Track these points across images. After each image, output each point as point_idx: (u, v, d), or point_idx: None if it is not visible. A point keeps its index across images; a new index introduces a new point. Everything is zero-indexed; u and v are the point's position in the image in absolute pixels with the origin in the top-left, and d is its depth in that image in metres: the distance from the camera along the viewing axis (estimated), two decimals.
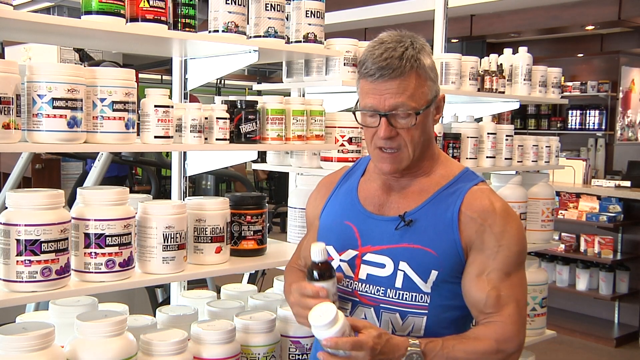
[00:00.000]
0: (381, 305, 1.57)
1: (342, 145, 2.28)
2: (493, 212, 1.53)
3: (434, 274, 1.53)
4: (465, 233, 1.53)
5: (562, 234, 5.87)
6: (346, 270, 1.62)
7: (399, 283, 1.55)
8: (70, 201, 1.59)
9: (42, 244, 1.53)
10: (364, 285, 1.59)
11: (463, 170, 1.63)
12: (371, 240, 1.60)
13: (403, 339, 1.46)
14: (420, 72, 1.50)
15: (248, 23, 2.03)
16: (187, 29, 1.87)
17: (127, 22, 1.74)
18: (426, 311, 1.54)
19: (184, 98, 2.28)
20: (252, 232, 2.04)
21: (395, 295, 1.56)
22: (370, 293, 1.58)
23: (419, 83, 1.51)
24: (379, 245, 1.58)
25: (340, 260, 1.63)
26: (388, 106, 1.50)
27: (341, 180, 1.75)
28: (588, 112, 7.34)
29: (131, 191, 1.83)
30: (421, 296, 1.54)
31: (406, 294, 1.55)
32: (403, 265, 1.55)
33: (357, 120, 1.59)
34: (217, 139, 1.93)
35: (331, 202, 1.73)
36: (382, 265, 1.57)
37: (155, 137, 1.77)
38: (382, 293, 1.57)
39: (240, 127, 1.98)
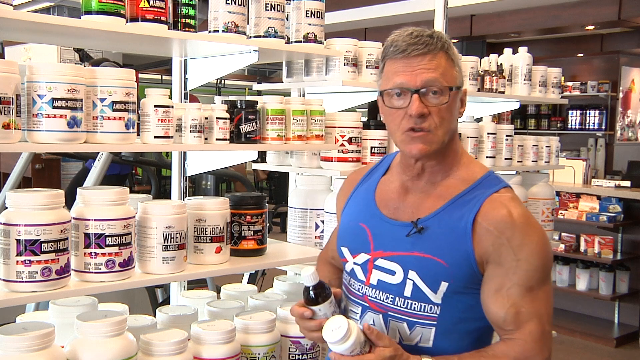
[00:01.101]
0: (389, 312, 1.53)
1: (342, 145, 2.28)
2: (511, 224, 1.43)
3: (444, 285, 1.46)
4: (480, 245, 1.44)
5: (562, 234, 5.87)
6: (359, 273, 1.59)
7: (408, 292, 1.50)
8: (68, 200, 1.59)
9: (42, 244, 1.53)
10: (374, 290, 1.56)
11: (485, 175, 1.53)
12: (383, 245, 1.55)
13: (416, 357, 1.44)
14: (450, 54, 1.50)
15: (248, 23, 2.03)
16: (187, 29, 1.87)
17: (127, 22, 1.74)
18: (435, 322, 1.49)
19: (184, 98, 2.28)
20: (252, 232, 2.04)
21: (403, 304, 1.51)
22: (380, 300, 1.55)
23: (449, 64, 1.49)
24: (390, 251, 1.54)
25: (354, 263, 1.60)
26: (420, 82, 1.46)
27: (363, 178, 1.71)
28: (588, 112, 7.35)
29: (131, 191, 1.83)
30: (430, 307, 1.49)
31: (415, 304, 1.50)
32: (412, 274, 1.49)
33: (384, 104, 1.52)
34: (217, 139, 1.93)
35: (351, 200, 1.70)
36: (393, 272, 1.52)
37: (155, 137, 1.77)
38: (390, 301, 1.53)
39: (240, 127, 1.98)
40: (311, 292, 1.50)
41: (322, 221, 2.37)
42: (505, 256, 1.43)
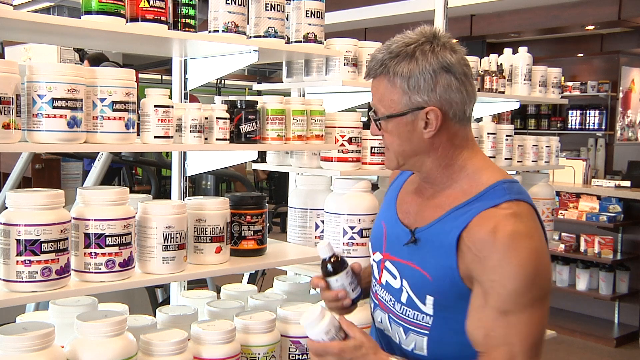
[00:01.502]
0: (390, 315, 1.54)
1: (342, 145, 2.28)
2: (490, 243, 1.34)
3: (429, 298, 1.44)
4: (463, 262, 1.38)
5: (562, 234, 5.87)
6: (375, 271, 1.61)
7: (403, 299, 1.50)
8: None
9: (42, 244, 1.53)
10: (382, 290, 1.57)
11: (491, 186, 1.43)
12: (391, 248, 1.55)
13: (380, 353, 1.43)
14: (392, 79, 1.43)
15: (248, 23, 2.03)
16: (187, 29, 1.87)
17: (127, 22, 1.74)
18: (427, 332, 1.46)
19: (184, 98, 2.28)
20: (252, 232, 2.04)
21: (400, 309, 1.51)
22: (385, 300, 1.56)
23: (387, 89, 1.45)
24: (394, 256, 1.54)
25: (372, 260, 1.63)
26: (371, 104, 1.51)
27: (400, 173, 1.68)
28: (588, 112, 7.34)
29: (131, 191, 1.83)
30: (423, 316, 1.47)
31: (409, 311, 1.49)
32: (405, 283, 1.49)
33: None
34: (217, 139, 1.93)
35: (386, 194, 1.70)
36: (395, 277, 1.53)
37: (155, 137, 1.77)
38: (392, 304, 1.54)
39: (240, 127, 1.98)
40: (326, 264, 1.56)
41: (322, 221, 2.37)
42: (481, 275, 1.36)
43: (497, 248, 1.34)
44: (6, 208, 1.57)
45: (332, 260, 1.56)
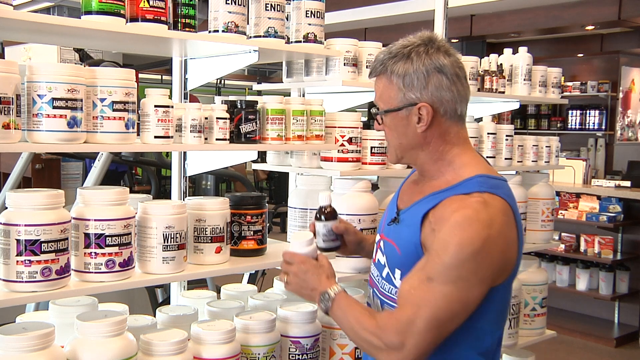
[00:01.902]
0: (374, 289, 1.72)
1: (342, 145, 2.28)
2: (446, 219, 1.47)
3: (398, 272, 1.60)
4: (424, 238, 1.53)
5: (562, 234, 5.88)
6: (374, 251, 1.77)
7: (384, 274, 1.66)
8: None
9: (42, 244, 1.53)
10: (373, 267, 1.75)
11: (469, 178, 1.56)
12: (383, 228, 1.73)
13: (331, 280, 1.66)
14: (390, 77, 1.60)
15: (248, 23, 2.03)
16: (187, 29, 1.87)
17: (127, 22, 1.74)
18: (396, 305, 1.57)
19: (184, 98, 2.28)
20: (252, 232, 2.04)
21: (381, 284, 1.68)
22: (374, 276, 1.73)
23: (387, 86, 1.61)
24: (384, 235, 1.71)
25: (375, 241, 1.78)
26: (374, 101, 1.68)
27: (414, 169, 1.85)
28: (588, 112, 7.34)
29: (131, 191, 1.83)
30: (395, 290, 1.61)
31: (386, 285, 1.65)
32: (385, 259, 1.66)
33: None
34: (217, 139, 1.93)
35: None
36: (383, 254, 1.69)
37: (155, 137, 1.77)
38: (378, 279, 1.70)
39: (240, 127, 1.98)
40: (318, 210, 1.88)
41: None
42: (430, 243, 1.50)
43: (449, 223, 1.47)
44: (6, 208, 1.57)
45: (324, 209, 1.87)
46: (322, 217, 1.88)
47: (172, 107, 1.80)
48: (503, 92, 3.03)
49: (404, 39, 1.61)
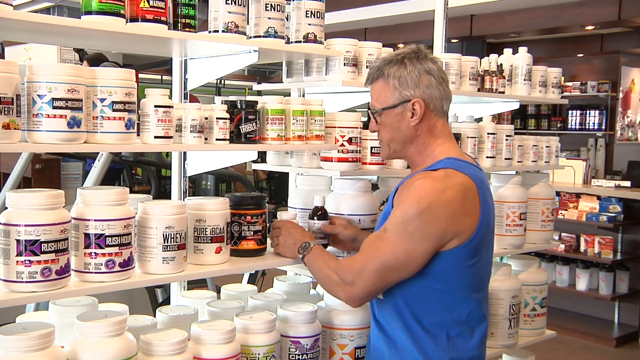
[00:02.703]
0: None
1: (342, 145, 2.28)
2: (408, 186, 1.77)
3: None
4: (393, 208, 1.79)
5: (562, 234, 5.88)
6: None
7: None
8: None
9: (42, 244, 1.53)
10: None
11: (439, 160, 1.83)
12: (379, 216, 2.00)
13: (312, 237, 2.04)
14: (387, 79, 1.86)
15: (248, 23, 2.03)
16: (187, 29, 1.87)
17: (127, 22, 1.74)
18: None
19: (184, 98, 2.28)
20: (252, 232, 2.04)
21: None
22: None
23: (382, 87, 1.88)
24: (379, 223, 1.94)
25: None
26: (370, 105, 1.94)
27: None
28: (588, 112, 7.34)
29: (131, 191, 1.83)
30: None
31: None
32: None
33: None
34: (217, 139, 1.93)
35: None
36: None
37: (155, 137, 1.77)
38: None
39: (240, 127, 1.98)
40: (315, 210, 2.16)
41: None
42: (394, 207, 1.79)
43: (409, 188, 1.76)
44: (6, 208, 1.57)
45: (318, 210, 2.16)
46: (315, 217, 2.15)
47: (172, 107, 1.80)
48: (503, 92, 3.03)
49: (396, 51, 1.93)
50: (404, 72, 1.84)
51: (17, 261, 1.52)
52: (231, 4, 1.93)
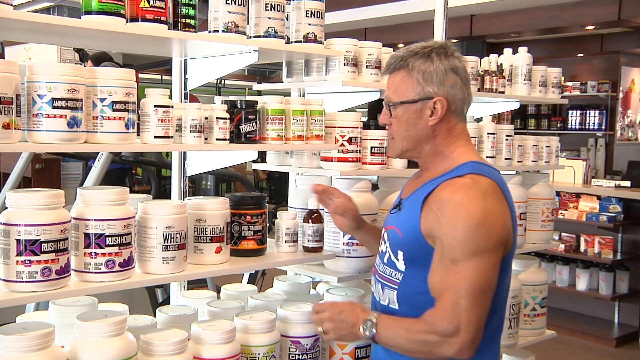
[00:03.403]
0: (376, 275, 1.84)
1: (342, 145, 2.28)
2: (445, 201, 1.62)
3: (400, 253, 1.72)
4: (424, 221, 1.66)
5: (562, 234, 5.87)
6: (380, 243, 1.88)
7: (385, 259, 1.79)
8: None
9: (42, 244, 1.53)
10: (377, 257, 1.87)
11: (462, 164, 1.71)
12: (387, 218, 1.87)
13: (367, 311, 1.73)
14: (410, 71, 1.73)
15: (248, 23, 2.03)
16: (187, 29, 1.87)
17: (127, 22, 1.74)
18: (397, 287, 1.73)
19: (184, 98, 2.28)
20: (252, 232, 2.04)
21: (382, 269, 1.80)
22: (377, 264, 1.86)
23: (405, 80, 1.74)
24: (386, 225, 1.84)
25: (382, 235, 1.88)
26: (384, 96, 1.81)
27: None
28: (588, 112, 7.34)
29: (131, 191, 1.83)
30: (395, 273, 1.74)
31: (388, 269, 1.77)
32: (387, 244, 1.79)
33: None
34: (217, 139, 1.93)
35: None
36: (385, 242, 1.82)
37: (155, 137, 1.77)
38: (379, 266, 1.83)
39: (240, 127, 1.98)
40: (310, 213, 2.17)
41: None
42: (438, 230, 1.62)
43: (450, 205, 1.61)
44: (6, 208, 1.57)
45: (312, 213, 2.17)
46: (310, 220, 2.15)
47: (172, 107, 1.80)
48: (503, 92, 3.03)
49: (422, 43, 1.77)
50: (430, 67, 1.71)
51: (17, 261, 1.52)
52: (231, 3, 1.93)
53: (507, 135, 2.93)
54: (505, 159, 2.93)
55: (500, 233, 1.62)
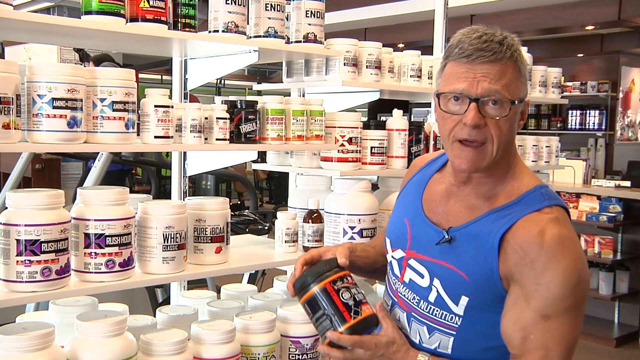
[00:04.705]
0: (412, 313, 1.54)
1: (342, 145, 2.28)
2: (538, 245, 1.36)
3: (464, 299, 1.45)
4: (505, 263, 1.40)
5: None
6: (395, 268, 1.61)
7: (432, 298, 1.50)
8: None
9: (42, 244, 1.53)
10: (404, 288, 1.57)
11: (531, 190, 1.45)
12: (418, 246, 1.55)
13: (414, 353, 1.47)
14: (519, 65, 1.42)
15: (248, 23, 2.03)
16: (187, 29, 1.87)
17: (127, 22, 1.74)
18: (454, 332, 1.47)
19: (184, 98, 2.28)
20: (362, 295, 1.58)
21: (426, 308, 1.51)
22: (407, 298, 1.56)
23: (515, 75, 1.42)
24: (422, 254, 1.53)
25: (392, 257, 1.62)
26: (481, 90, 1.39)
27: (423, 167, 1.69)
28: (588, 112, 7.34)
29: (131, 191, 1.83)
30: (451, 317, 1.47)
31: (437, 310, 1.49)
32: (436, 282, 1.49)
33: (439, 106, 1.46)
34: (217, 139, 1.93)
35: (404, 190, 1.70)
36: (422, 275, 1.52)
37: (155, 137, 1.77)
38: (416, 302, 1.53)
39: (240, 127, 1.98)
40: (310, 213, 2.18)
41: None
42: (526, 278, 1.37)
43: (545, 251, 1.36)
44: (6, 208, 1.57)
45: (312, 213, 2.18)
46: (310, 220, 2.17)
47: (172, 107, 1.80)
48: None
49: (488, 31, 1.42)
50: (525, 62, 1.46)
51: (17, 261, 1.52)
52: (231, 4, 1.93)
53: None
54: None
55: (589, 279, 1.45)
